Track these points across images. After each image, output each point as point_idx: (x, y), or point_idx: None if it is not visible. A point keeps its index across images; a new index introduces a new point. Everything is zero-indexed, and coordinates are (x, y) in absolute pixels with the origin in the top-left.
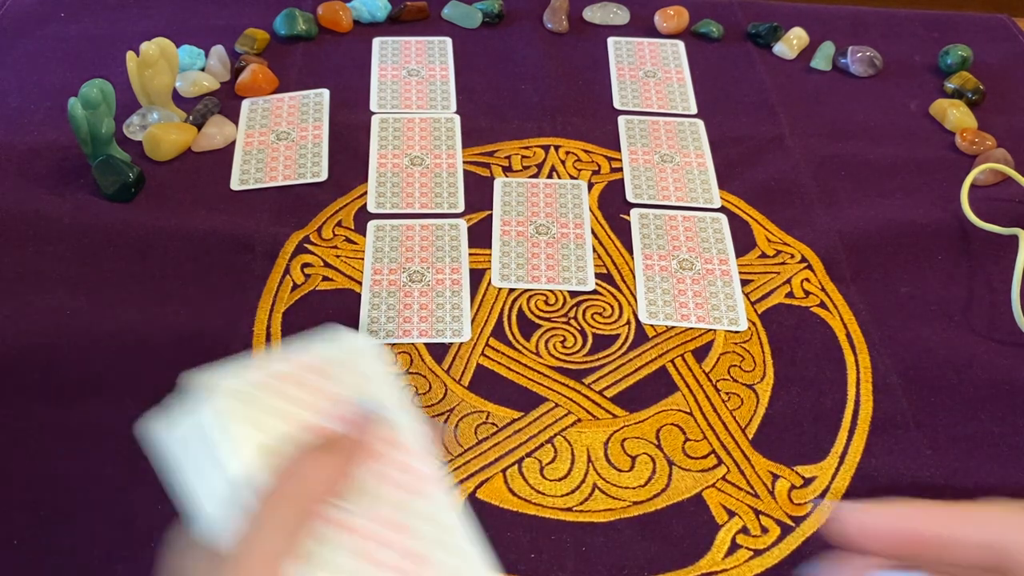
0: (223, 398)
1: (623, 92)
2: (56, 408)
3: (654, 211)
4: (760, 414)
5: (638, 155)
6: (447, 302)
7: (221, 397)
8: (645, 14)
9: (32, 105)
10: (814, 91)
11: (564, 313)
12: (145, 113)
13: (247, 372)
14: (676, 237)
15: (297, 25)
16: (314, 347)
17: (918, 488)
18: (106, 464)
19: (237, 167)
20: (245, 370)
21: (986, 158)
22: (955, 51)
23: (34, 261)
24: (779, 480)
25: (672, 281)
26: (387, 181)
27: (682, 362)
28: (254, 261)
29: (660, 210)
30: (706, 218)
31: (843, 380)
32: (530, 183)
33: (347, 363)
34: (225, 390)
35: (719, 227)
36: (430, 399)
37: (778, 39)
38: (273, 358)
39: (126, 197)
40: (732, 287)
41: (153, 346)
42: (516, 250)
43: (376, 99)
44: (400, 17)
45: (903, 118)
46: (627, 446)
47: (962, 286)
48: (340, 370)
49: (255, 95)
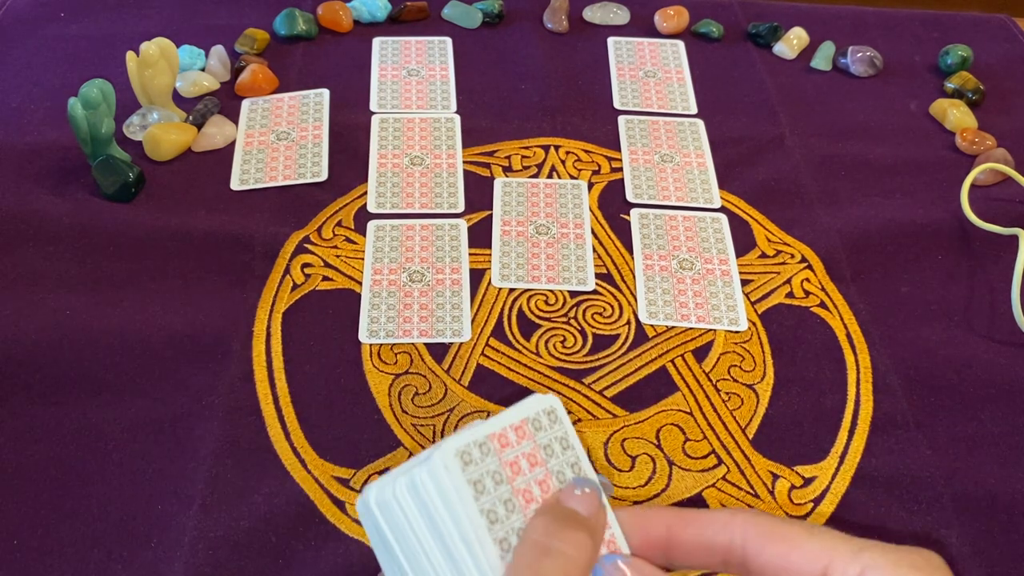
0: (451, 459)
1: (623, 92)
2: (56, 408)
3: (654, 211)
4: (760, 414)
5: (638, 155)
6: (447, 302)
7: (449, 458)
8: (645, 14)
9: (32, 105)
10: (814, 91)
11: (564, 313)
12: (145, 113)
13: (468, 434)
14: (676, 237)
15: (297, 25)
16: (511, 411)
17: (918, 488)
18: (106, 464)
19: (237, 167)
20: (467, 432)
21: (986, 158)
22: (955, 51)
23: (34, 261)
24: (779, 480)
25: (672, 281)
26: (387, 181)
27: (682, 362)
28: (254, 261)
29: (660, 210)
30: (706, 218)
31: (843, 380)
32: (530, 183)
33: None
34: (451, 450)
35: (719, 227)
36: (430, 399)
37: (778, 39)
38: (484, 422)
39: (126, 197)
40: (732, 287)
41: (153, 346)
42: (516, 250)
43: (376, 99)
44: (400, 17)
45: (903, 118)
46: (627, 446)
47: (962, 286)
48: (538, 430)
49: (255, 95)
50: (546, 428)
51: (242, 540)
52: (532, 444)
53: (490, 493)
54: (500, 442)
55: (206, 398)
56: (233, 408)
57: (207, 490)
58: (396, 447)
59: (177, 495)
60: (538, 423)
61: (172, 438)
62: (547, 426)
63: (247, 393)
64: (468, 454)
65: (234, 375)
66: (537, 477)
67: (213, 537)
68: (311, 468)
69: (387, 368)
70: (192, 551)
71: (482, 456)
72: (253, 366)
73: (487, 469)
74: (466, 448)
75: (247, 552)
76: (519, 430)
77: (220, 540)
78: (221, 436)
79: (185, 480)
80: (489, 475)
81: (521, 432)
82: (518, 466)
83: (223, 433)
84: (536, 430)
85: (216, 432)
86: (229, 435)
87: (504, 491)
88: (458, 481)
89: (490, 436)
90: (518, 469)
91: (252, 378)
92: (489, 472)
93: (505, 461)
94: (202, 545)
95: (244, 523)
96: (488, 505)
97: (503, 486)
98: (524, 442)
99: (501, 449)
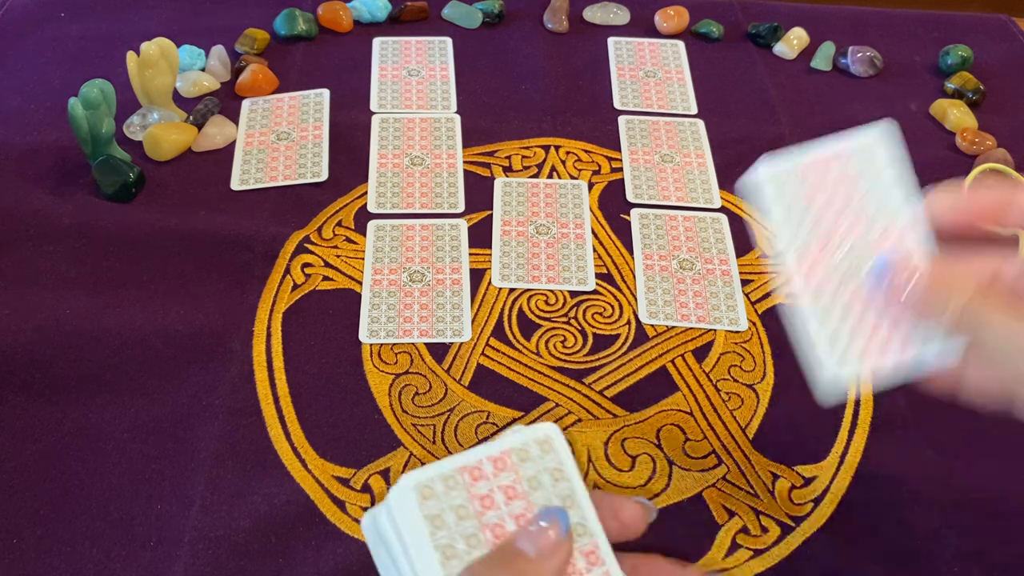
0: (406, 493)
1: (623, 92)
2: (56, 408)
3: (654, 211)
4: (760, 414)
5: (638, 155)
6: (447, 302)
7: (404, 492)
8: (645, 14)
9: (32, 105)
10: (814, 91)
11: (564, 313)
12: (145, 113)
13: (437, 466)
14: (676, 237)
15: (297, 25)
16: (497, 440)
17: (918, 488)
18: (106, 464)
19: (237, 167)
20: (437, 464)
21: (986, 158)
22: (955, 51)
23: (34, 261)
24: (779, 480)
25: (672, 281)
26: (387, 181)
27: (682, 362)
28: (254, 261)
29: (660, 210)
30: (706, 218)
31: None
32: (530, 183)
33: (530, 453)
34: (408, 485)
35: (719, 227)
36: (430, 399)
37: (778, 39)
38: (462, 453)
39: (126, 197)
40: (732, 287)
41: (153, 346)
42: (516, 250)
43: (376, 99)
44: (400, 17)
45: (903, 118)
46: (627, 446)
47: None
48: (523, 461)
49: (255, 95)
50: (535, 459)
51: (242, 540)
52: (513, 476)
53: (449, 528)
54: (472, 475)
55: (206, 398)
56: (233, 408)
57: (207, 490)
58: (396, 447)
59: (177, 495)
60: (524, 454)
61: (172, 438)
62: (537, 457)
63: (247, 393)
64: (429, 488)
65: (234, 375)
66: (514, 511)
67: (213, 537)
68: (311, 468)
69: (387, 368)
70: (192, 551)
71: (446, 490)
72: (253, 366)
73: (450, 503)
74: (427, 482)
75: (247, 552)
76: (498, 462)
77: (220, 540)
78: (221, 436)
79: (185, 480)
80: (452, 509)
81: (500, 464)
82: (491, 499)
83: (223, 433)
84: (521, 461)
85: (216, 432)
86: (229, 435)
87: (468, 526)
88: (411, 516)
89: (460, 469)
90: (491, 503)
91: (252, 378)
92: (453, 506)
93: (475, 495)
94: (202, 545)
95: (244, 523)
96: (445, 540)
97: (468, 521)
98: (503, 474)
99: (472, 483)
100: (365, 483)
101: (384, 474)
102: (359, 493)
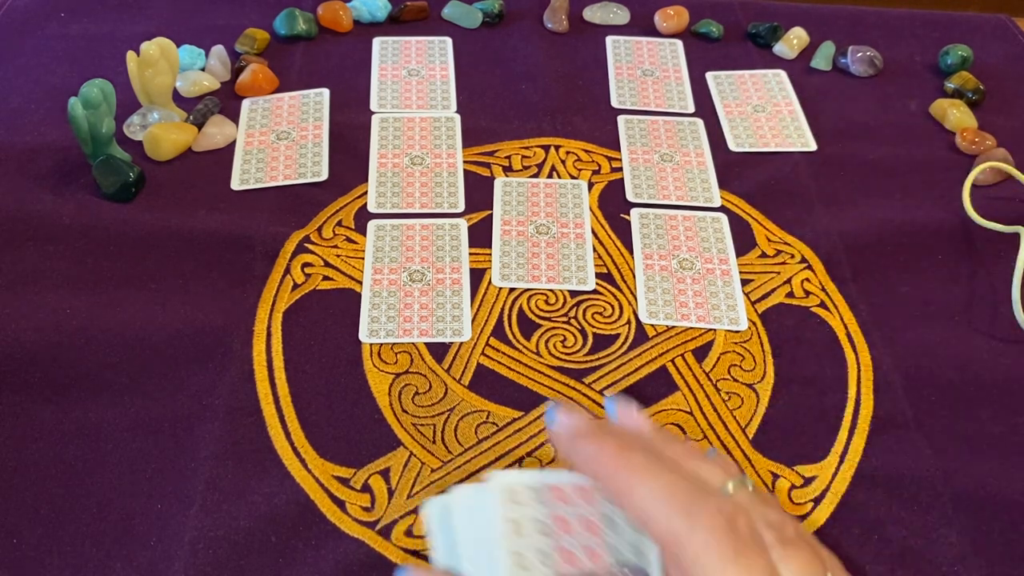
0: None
1: (622, 92)
2: (56, 408)
3: (654, 211)
4: (760, 414)
5: (638, 155)
6: (447, 302)
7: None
8: (645, 14)
9: (32, 105)
10: (814, 91)
11: (564, 313)
12: (145, 113)
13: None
14: (676, 237)
15: (297, 25)
16: None
17: (918, 488)
18: (106, 464)
19: (237, 167)
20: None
21: (986, 158)
22: (955, 51)
23: (34, 261)
24: (779, 480)
25: (672, 281)
26: (387, 181)
27: (682, 362)
28: (254, 261)
29: (660, 210)
30: (706, 218)
31: (843, 380)
32: (530, 183)
33: None
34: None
35: (719, 227)
36: (430, 399)
37: (778, 39)
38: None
39: (126, 197)
40: (732, 287)
41: (153, 345)
42: (516, 250)
43: (376, 99)
44: (400, 17)
45: (903, 118)
46: None
47: (962, 286)
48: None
49: (255, 95)
50: None
51: (242, 540)
52: (594, 511)
53: (526, 538)
54: (558, 496)
55: (206, 398)
56: (233, 408)
57: (207, 490)
58: (396, 447)
59: (177, 495)
60: None
61: (172, 438)
62: None
63: (247, 393)
64: (518, 494)
65: (234, 375)
66: (587, 543)
67: (213, 537)
68: (311, 468)
69: (387, 368)
70: (192, 551)
71: (533, 502)
72: (253, 366)
73: (533, 515)
74: (517, 488)
75: (247, 552)
76: (584, 493)
77: (220, 540)
78: (221, 436)
79: (185, 480)
80: (533, 522)
81: (585, 496)
82: (568, 525)
83: (223, 433)
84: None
85: (216, 432)
86: (229, 435)
87: (543, 543)
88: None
89: (550, 487)
90: (567, 528)
91: (252, 378)
92: (534, 519)
93: (556, 515)
94: (202, 545)
95: (244, 523)
96: (519, 548)
97: (545, 538)
98: (585, 505)
99: (556, 503)
100: (365, 483)
101: (384, 474)
102: (359, 493)
